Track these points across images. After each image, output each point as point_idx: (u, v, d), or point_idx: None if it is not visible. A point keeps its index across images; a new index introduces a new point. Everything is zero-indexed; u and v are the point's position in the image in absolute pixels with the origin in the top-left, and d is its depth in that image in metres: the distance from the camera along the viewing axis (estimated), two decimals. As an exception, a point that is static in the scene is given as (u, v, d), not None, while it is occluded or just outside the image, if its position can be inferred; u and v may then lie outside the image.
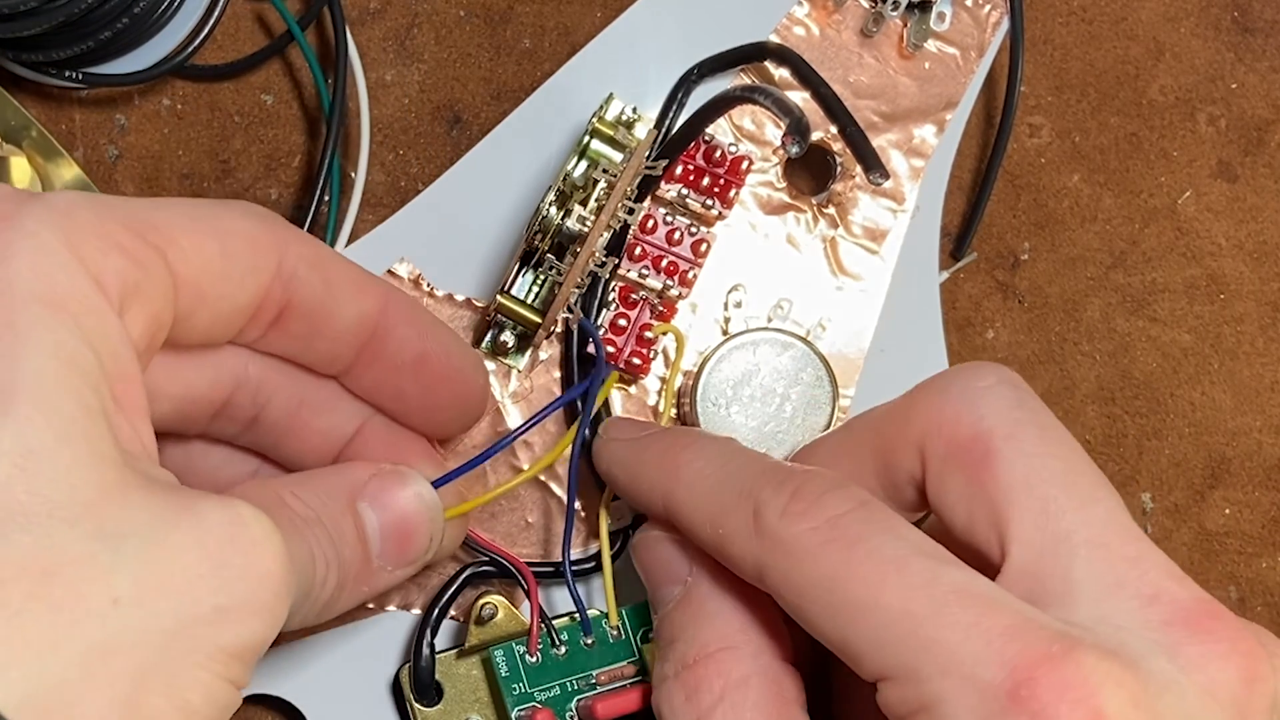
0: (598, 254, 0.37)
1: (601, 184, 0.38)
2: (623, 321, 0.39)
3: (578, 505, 0.40)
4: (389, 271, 0.40)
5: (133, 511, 0.25)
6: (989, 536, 0.31)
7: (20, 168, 0.40)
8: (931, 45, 0.42)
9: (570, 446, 0.37)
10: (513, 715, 0.37)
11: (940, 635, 0.28)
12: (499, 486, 0.38)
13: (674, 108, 0.41)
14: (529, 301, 0.39)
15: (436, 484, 0.34)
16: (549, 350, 0.41)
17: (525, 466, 0.40)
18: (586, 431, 0.37)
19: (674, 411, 0.41)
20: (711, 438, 0.35)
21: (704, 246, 0.40)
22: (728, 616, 0.33)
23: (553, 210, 0.38)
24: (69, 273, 0.26)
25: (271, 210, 0.31)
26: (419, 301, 0.35)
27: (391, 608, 0.40)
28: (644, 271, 0.40)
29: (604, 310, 0.40)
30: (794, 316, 0.41)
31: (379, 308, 0.33)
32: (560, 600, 0.40)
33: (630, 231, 0.39)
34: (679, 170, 0.40)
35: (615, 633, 0.38)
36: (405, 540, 0.33)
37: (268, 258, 0.31)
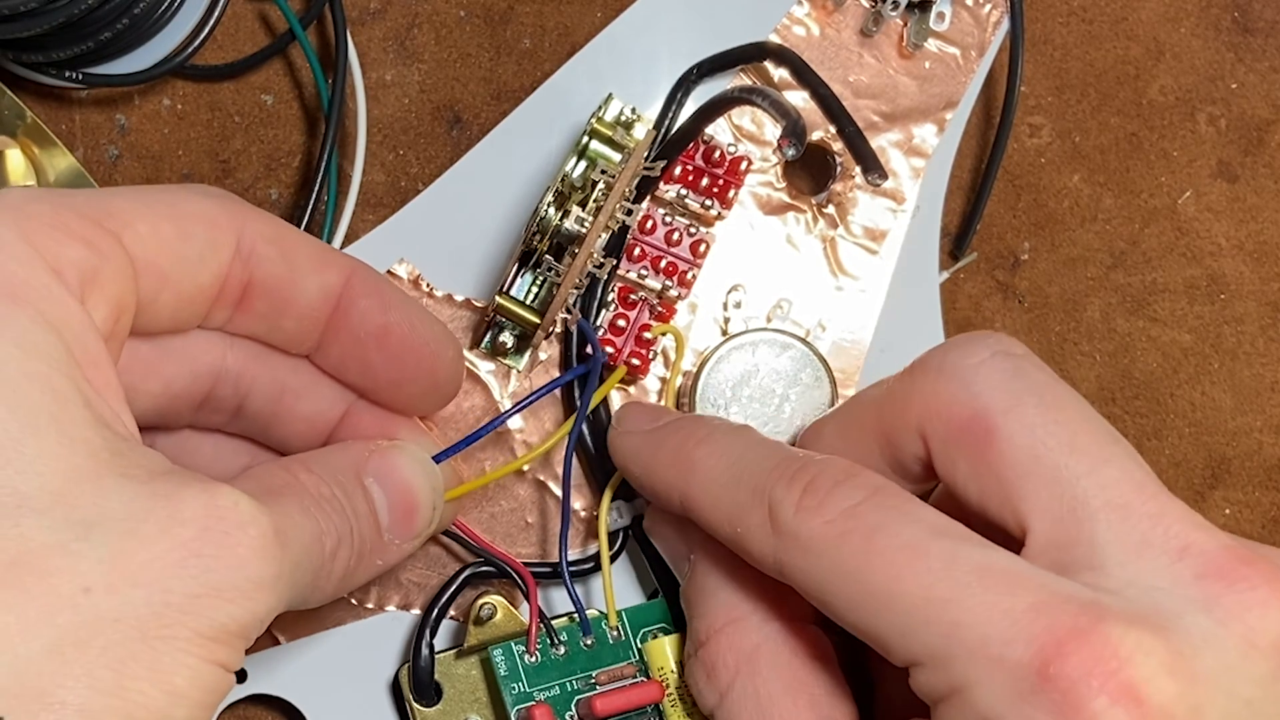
0: (596, 255, 0.37)
1: (600, 185, 0.38)
2: (622, 322, 0.39)
3: (578, 505, 0.40)
4: (389, 271, 0.41)
5: (106, 499, 0.25)
6: (1003, 513, 0.30)
7: (15, 159, 0.40)
8: (931, 45, 0.42)
9: (566, 439, 0.37)
10: (512, 715, 0.37)
11: (964, 618, 0.28)
12: (494, 471, 0.38)
13: (673, 108, 0.41)
14: (528, 302, 0.39)
15: (434, 459, 0.35)
16: (548, 351, 0.41)
17: (526, 466, 0.40)
18: (584, 427, 0.38)
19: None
20: (725, 430, 0.35)
21: (703, 247, 0.40)
22: (731, 589, 0.33)
23: (551, 211, 0.38)
24: (26, 264, 0.26)
25: (270, 211, 0.31)
26: (385, 277, 0.35)
27: (391, 608, 0.40)
28: (643, 272, 0.40)
29: (603, 311, 0.40)
30: (793, 317, 0.41)
31: (341, 281, 0.33)
32: (560, 600, 0.40)
33: (629, 232, 0.39)
34: (678, 170, 0.40)
35: (615, 633, 0.38)
36: (410, 513, 0.33)
37: (226, 236, 0.31)
